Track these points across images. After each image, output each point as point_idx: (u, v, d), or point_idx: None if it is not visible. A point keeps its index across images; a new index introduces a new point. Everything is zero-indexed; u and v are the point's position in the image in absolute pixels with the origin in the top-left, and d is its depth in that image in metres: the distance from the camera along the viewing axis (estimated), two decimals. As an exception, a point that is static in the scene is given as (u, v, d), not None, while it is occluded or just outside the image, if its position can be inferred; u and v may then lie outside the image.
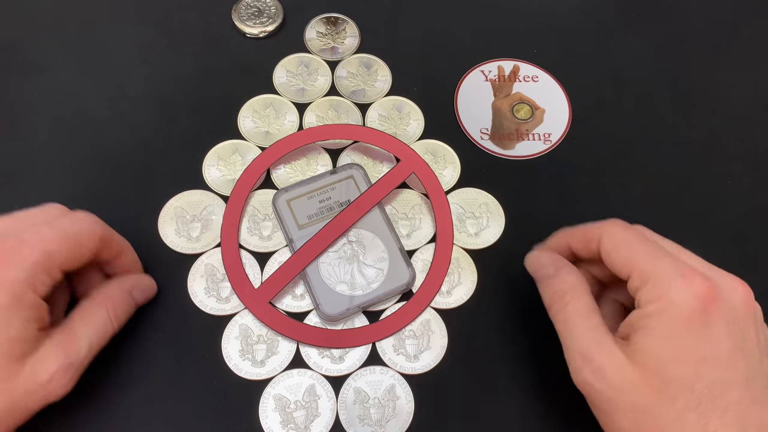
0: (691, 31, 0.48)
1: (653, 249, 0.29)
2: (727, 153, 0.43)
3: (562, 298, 0.30)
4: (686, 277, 0.27)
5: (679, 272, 0.27)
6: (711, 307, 0.26)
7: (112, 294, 0.32)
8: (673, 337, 0.26)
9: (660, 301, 0.27)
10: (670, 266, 0.27)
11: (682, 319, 0.26)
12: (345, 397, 0.34)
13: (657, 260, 0.28)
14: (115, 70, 0.43)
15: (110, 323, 0.31)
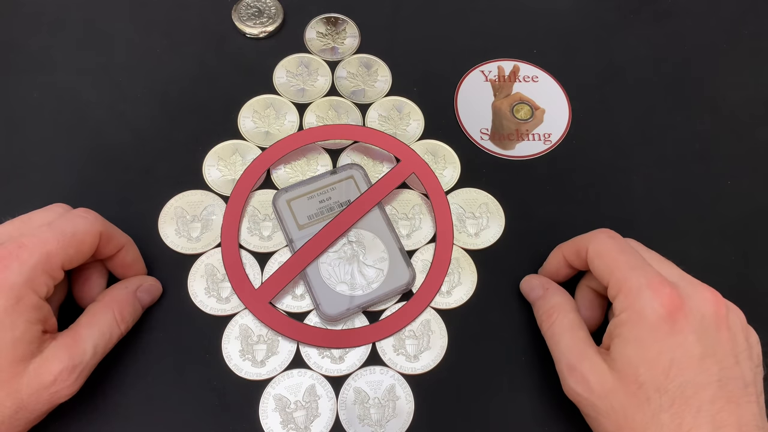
0: (691, 31, 0.48)
1: (630, 259, 0.31)
2: (727, 153, 0.43)
3: (550, 316, 0.33)
4: (654, 287, 0.29)
5: (648, 282, 0.29)
6: (677, 315, 0.28)
7: (117, 296, 0.33)
8: (643, 343, 0.28)
9: (630, 309, 0.29)
10: (642, 276, 0.29)
11: (650, 326, 0.28)
12: (345, 397, 0.34)
13: (631, 270, 0.30)
14: (115, 70, 0.43)
15: (116, 326, 0.32)
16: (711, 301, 0.29)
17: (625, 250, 0.31)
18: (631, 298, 0.29)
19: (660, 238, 0.40)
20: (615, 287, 0.30)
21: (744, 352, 0.29)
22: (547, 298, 0.34)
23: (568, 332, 0.32)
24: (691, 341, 0.28)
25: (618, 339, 0.29)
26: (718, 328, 0.29)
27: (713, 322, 0.29)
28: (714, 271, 0.39)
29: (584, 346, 0.31)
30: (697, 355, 0.27)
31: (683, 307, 0.28)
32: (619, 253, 0.31)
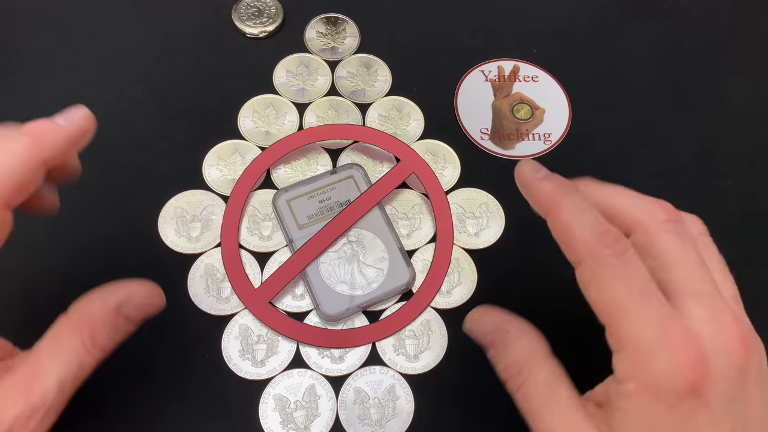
0: (691, 32, 0.48)
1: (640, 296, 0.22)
2: (727, 153, 0.43)
3: (518, 374, 0.25)
4: (673, 348, 0.21)
5: (665, 340, 0.21)
6: (702, 385, 0.21)
7: (90, 314, 0.25)
8: (657, 425, 0.22)
9: (639, 379, 0.22)
10: (656, 329, 0.22)
11: (667, 405, 0.21)
12: (345, 397, 0.34)
13: (640, 319, 0.22)
14: (115, 70, 0.43)
15: (87, 354, 0.24)
16: (738, 352, 0.22)
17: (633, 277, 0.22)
18: (640, 363, 0.22)
19: (660, 238, 0.40)
20: (614, 338, 0.23)
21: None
22: (510, 346, 0.26)
23: (545, 394, 0.24)
24: (719, 416, 0.21)
25: (622, 415, 0.22)
26: (747, 386, 0.22)
27: (743, 381, 0.22)
28: (714, 271, 0.39)
29: (570, 413, 0.23)
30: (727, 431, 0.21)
31: (709, 374, 0.21)
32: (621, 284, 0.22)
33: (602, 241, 0.23)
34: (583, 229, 0.23)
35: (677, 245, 0.23)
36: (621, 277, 0.22)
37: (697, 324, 0.22)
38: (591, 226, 0.23)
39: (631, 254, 0.23)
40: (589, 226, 0.23)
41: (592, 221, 0.23)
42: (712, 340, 0.22)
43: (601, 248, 0.23)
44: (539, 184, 0.25)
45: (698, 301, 0.23)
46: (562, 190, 0.24)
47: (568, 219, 0.24)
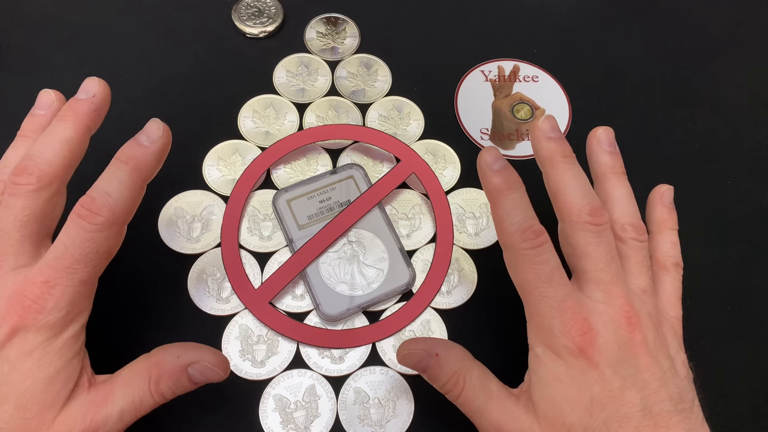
0: (691, 31, 0.48)
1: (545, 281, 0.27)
2: (727, 153, 0.43)
3: (455, 385, 0.29)
4: (565, 318, 0.27)
5: (559, 311, 0.27)
6: (588, 349, 0.26)
7: (162, 363, 0.28)
8: (561, 381, 0.27)
9: (543, 344, 0.28)
10: (552, 303, 0.27)
11: (565, 364, 0.27)
12: (345, 397, 0.34)
13: (542, 296, 0.27)
14: (115, 70, 0.43)
15: (150, 396, 0.27)
16: (623, 326, 0.27)
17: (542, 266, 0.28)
18: (543, 331, 0.27)
19: (660, 238, 0.40)
20: (528, 313, 0.28)
21: (668, 371, 0.27)
22: (442, 366, 0.29)
23: (481, 396, 0.29)
24: (608, 376, 0.26)
25: (537, 378, 0.28)
26: (636, 355, 0.27)
27: (630, 350, 0.27)
28: (714, 271, 0.39)
29: (504, 404, 0.28)
30: (617, 388, 0.26)
31: (595, 341, 0.26)
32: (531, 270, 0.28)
33: (522, 236, 0.28)
34: (510, 223, 0.28)
35: (590, 241, 0.28)
36: (532, 266, 0.28)
37: (592, 303, 0.28)
38: (517, 221, 0.28)
39: (545, 248, 0.28)
40: (516, 222, 0.28)
41: (519, 218, 0.28)
42: (601, 315, 0.27)
43: (520, 241, 0.28)
44: (491, 175, 0.29)
45: (598, 286, 0.28)
46: (507, 186, 0.29)
47: (501, 213, 0.28)
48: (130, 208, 0.28)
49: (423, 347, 0.30)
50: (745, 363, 0.37)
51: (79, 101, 0.30)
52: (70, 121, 0.29)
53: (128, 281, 0.36)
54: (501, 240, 0.29)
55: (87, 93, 0.30)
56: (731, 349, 0.37)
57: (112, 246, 0.28)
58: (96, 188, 0.27)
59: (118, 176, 0.28)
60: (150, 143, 0.29)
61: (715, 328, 0.38)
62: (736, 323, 0.38)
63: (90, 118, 0.30)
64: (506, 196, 0.29)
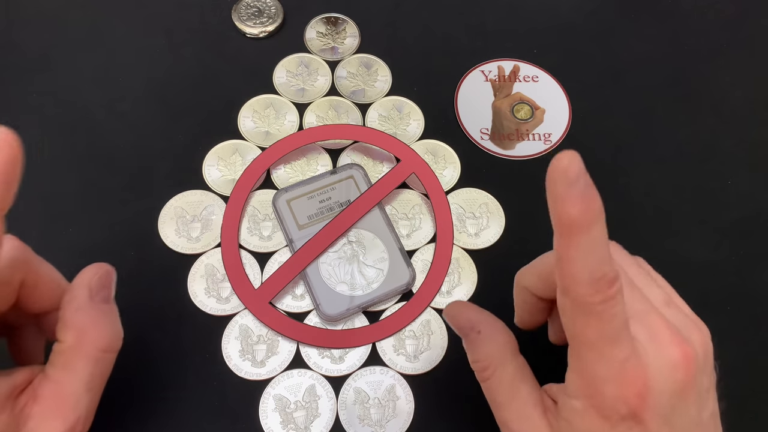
0: (691, 32, 0.48)
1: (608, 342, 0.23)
2: (727, 153, 0.43)
3: (485, 370, 0.27)
4: (621, 381, 0.23)
5: (615, 374, 0.23)
6: (641, 410, 0.23)
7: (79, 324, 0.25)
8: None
9: (587, 400, 0.24)
10: (608, 363, 0.23)
11: (608, 424, 0.23)
12: (345, 397, 0.34)
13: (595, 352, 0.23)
14: (115, 69, 0.43)
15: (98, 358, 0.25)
16: (681, 370, 0.23)
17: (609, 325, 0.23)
18: (591, 389, 0.23)
19: (659, 238, 0.40)
20: (576, 364, 0.24)
21: (704, 401, 0.25)
22: (479, 344, 0.27)
23: (508, 392, 0.26)
24: (653, 429, 0.23)
25: (567, 424, 0.24)
26: (685, 395, 0.24)
27: (681, 393, 0.24)
28: (714, 271, 0.39)
29: (529, 412, 0.26)
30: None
31: (648, 399, 0.23)
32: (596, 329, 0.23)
33: (594, 287, 0.22)
34: (583, 269, 0.22)
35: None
36: (597, 323, 0.22)
37: (641, 346, 0.23)
38: (592, 268, 0.22)
39: (617, 300, 0.22)
40: (590, 268, 0.22)
41: (595, 263, 0.22)
42: (656, 358, 0.23)
43: (590, 295, 0.22)
44: (570, 202, 0.22)
45: (634, 320, 0.24)
46: (587, 221, 0.22)
47: (573, 255, 0.22)
48: None
49: (470, 317, 0.28)
50: (745, 363, 0.37)
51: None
52: None
53: (128, 281, 0.36)
54: (563, 284, 0.23)
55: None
56: (731, 349, 0.37)
57: None
58: None
59: None
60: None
61: (715, 328, 0.37)
62: (736, 323, 0.38)
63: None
64: (584, 234, 0.22)
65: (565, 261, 0.22)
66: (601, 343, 0.23)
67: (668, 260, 0.40)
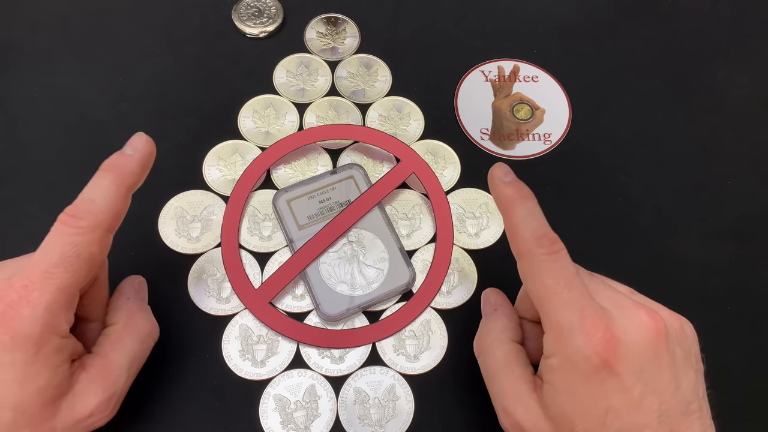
0: (691, 31, 0.48)
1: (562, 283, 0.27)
2: (727, 153, 0.43)
3: (485, 349, 0.31)
4: (587, 329, 0.25)
5: (580, 321, 0.26)
6: (613, 361, 0.25)
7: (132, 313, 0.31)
8: (576, 395, 0.26)
9: (561, 355, 0.26)
10: (573, 312, 0.26)
11: (583, 376, 0.25)
12: (345, 397, 0.34)
13: (561, 304, 0.26)
14: (115, 70, 0.43)
15: (142, 342, 0.31)
16: (649, 329, 0.26)
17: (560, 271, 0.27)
18: (561, 341, 0.26)
19: (659, 237, 0.40)
20: (545, 323, 0.27)
21: (682, 368, 0.26)
22: (489, 322, 0.32)
23: (502, 369, 0.29)
24: (628, 384, 0.25)
25: (549, 386, 0.27)
26: (657, 356, 0.26)
27: (653, 352, 0.26)
28: (714, 271, 0.39)
29: (519, 387, 0.28)
30: (636, 396, 0.25)
31: (618, 349, 0.25)
32: (550, 276, 0.27)
33: (538, 242, 0.27)
34: (525, 229, 0.28)
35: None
36: (550, 271, 0.27)
37: (607, 310, 0.26)
38: (532, 228, 0.28)
39: (562, 254, 0.27)
40: (530, 228, 0.28)
41: (534, 225, 0.28)
42: (621, 316, 0.26)
43: (536, 247, 0.27)
44: (503, 187, 0.29)
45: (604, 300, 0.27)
46: (519, 195, 0.29)
47: (516, 221, 0.28)
48: (115, 214, 0.28)
49: (495, 299, 0.33)
50: (745, 363, 0.37)
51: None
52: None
53: (128, 281, 0.36)
54: (516, 249, 0.28)
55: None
56: (731, 349, 0.37)
57: (95, 254, 0.27)
58: (80, 196, 0.28)
59: (102, 184, 0.28)
60: (133, 152, 0.29)
61: (715, 328, 0.38)
62: (736, 323, 0.38)
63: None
64: (520, 205, 0.28)
65: (512, 230, 0.28)
66: (559, 288, 0.27)
67: (668, 260, 0.40)
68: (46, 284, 0.26)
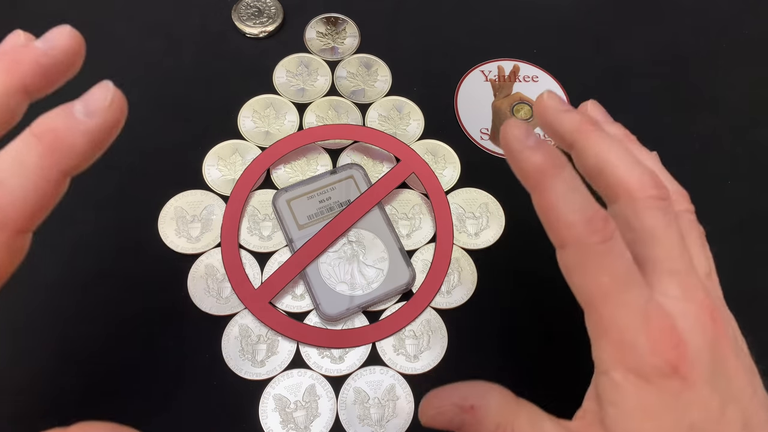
0: (690, 31, 0.48)
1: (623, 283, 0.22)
2: (727, 153, 0.43)
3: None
4: (651, 333, 0.21)
5: (644, 324, 0.21)
6: (683, 367, 0.21)
7: None
8: (650, 412, 0.21)
9: (623, 367, 0.22)
10: (633, 314, 0.21)
11: (656, 389, 0.21)
12: (345, 397, 0.34)
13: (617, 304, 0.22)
14: (115, 70, 0.43)
15: None
16: (709, 326, 0.22)
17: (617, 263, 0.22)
18: (623, 350, 0.21)
19: (660, 238, 0.40)
20: (598, 328, 0.22)
21: (751, 372, 0.23)
22: (481, 420, 0.24)
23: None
24: (706, 394, 0.21)
25: (615, 409, 0.22)
26: (725, 359, 0.22)
27: (720, 355, 0.22)
28: (714, 271, 0.39)
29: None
30: (716, 408, 0.21)
31: (687, 353, 0.21)
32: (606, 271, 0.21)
33: (590, 227, 0.21)
34: (570, 210, 0.21)
35: (661, 223, 0.23)
36: (606, 265, 0.22)
37: (670, 302, 0.22)
38: (579, 208, 0.21)
39: (616, 238, 0.22)
40: (577, 208, 0.21)
41: (579, 203, 0.21)
42: (684, 317, 0.22)
43: (588, 234, 0.21)
44: (529, 154, 0.22)
45: (673, 278, 0.23)
46: (552, 164, 0.22)
47: (554, 199, 0.22)
48: (33, 209, 0.19)
49: (453, 401, 0.24)
50: (745, 363, 0.37)
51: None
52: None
53: (128, 281, 0.36)
54: (558, 236, 0.22)
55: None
56: (731, 349, 0.37)
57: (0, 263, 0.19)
58: None
59: (24, 158, 0.19)
60: (86, 116, 0.20)
61: (715, 328, 0.38)
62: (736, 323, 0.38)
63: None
64: (555, 177, 0.22)
65: (549, 211, 0.22)
66: (616, 287, 0.21)
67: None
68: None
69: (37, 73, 0.21)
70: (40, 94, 0.21)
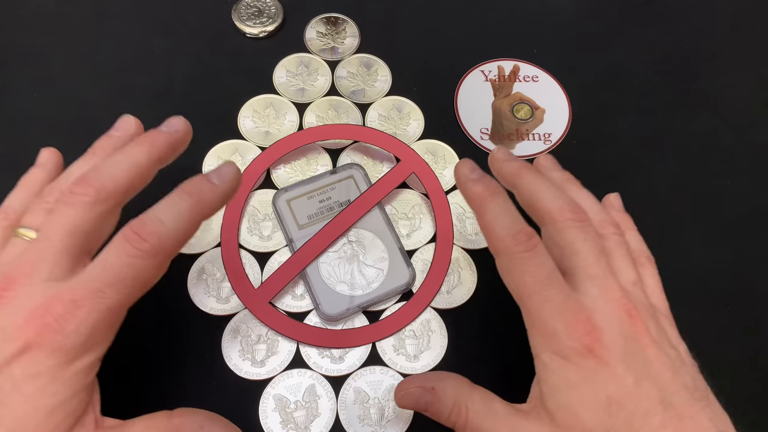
0: (691, 31, 0.48)
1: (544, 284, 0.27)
2: (727, 153, 0.43)
3: (459, 413, 0.28)
4: (567, 320, 0.26)
5: (561, 314, 0.26)
6: (597, 349, 0.26)
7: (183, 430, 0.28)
8: (575, 386, 0.26)
9: (549, 350, 0.27)
10: (553, 308, 0.26)
11: (575, 367, 0.26)
12: (345, 397, 0.34)
13: (542, 301, 0.27)
14: (114, 69, 0.43)
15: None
16: (625, 319, 0.27)
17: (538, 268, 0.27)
18: (546, 337, 0.26)
19: (660, 238, 0.40)
20: (527, 320, 0.27)
21: (677, 360, 0.27)
22: (440, 399, 0.29)
23: (488, 418, 0.28)
24: (620, 372, 0.25)
25: (547, 386, 0.27)
26: (643, 347, 0.26)
27: (636, 342, 0.26)
28: (714, 271, 0.39)
29: (512, 420, 0.27)
30: (632, 383, 0.25)
31: (601, 338, 0.26)
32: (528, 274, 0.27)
33: (515, 239, 0.27)
34: (501, 227, 0.28)
35: (579, 238, 0.28)
36: (528, 269, 0.27)
37: (590, 300, 0.27)
38: (509, 225, 0.27)
39: (539, 250, 0.27)
40: (507, 225, 0.27)
41: (508, 222, 0.28)
42: (601, 311, 0.27)
43: (513, 245, 0.27)
44: (471, 186, 0.29)
45: (593, 281, 0.27)
46: (489, 192, 0.28)
47: (490, 219, 0.28)
48: (180, 242, 0.26)
49: (417, 384, 0.30)
50: (745, 363, 0.37)
51: (159, 133, 0.29)
52: (146, 147, 0.28)
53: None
54: (493, 247, 0.28)
55: (169, 128, 0.29)
56: (731, 349, 0.37)
57: (151, 277, 0.26)
58: (150, 214, 0.26)
59: (178, 207, 0.26)
60: (220, 183, 0.27)
61: (715, 328, 0.38)
62: (736, 323, 0.38)
63: (165, 151, 0.29)
64: (491, 202, 0.28)
65: (487, 228, 0.28)
66: (538, 286, 0.27)
67: (668, 260, 0.40)
68: (96, 303, 0.24)
69: (167, 149, 0.29)
70: (166, 163, 0.29)
